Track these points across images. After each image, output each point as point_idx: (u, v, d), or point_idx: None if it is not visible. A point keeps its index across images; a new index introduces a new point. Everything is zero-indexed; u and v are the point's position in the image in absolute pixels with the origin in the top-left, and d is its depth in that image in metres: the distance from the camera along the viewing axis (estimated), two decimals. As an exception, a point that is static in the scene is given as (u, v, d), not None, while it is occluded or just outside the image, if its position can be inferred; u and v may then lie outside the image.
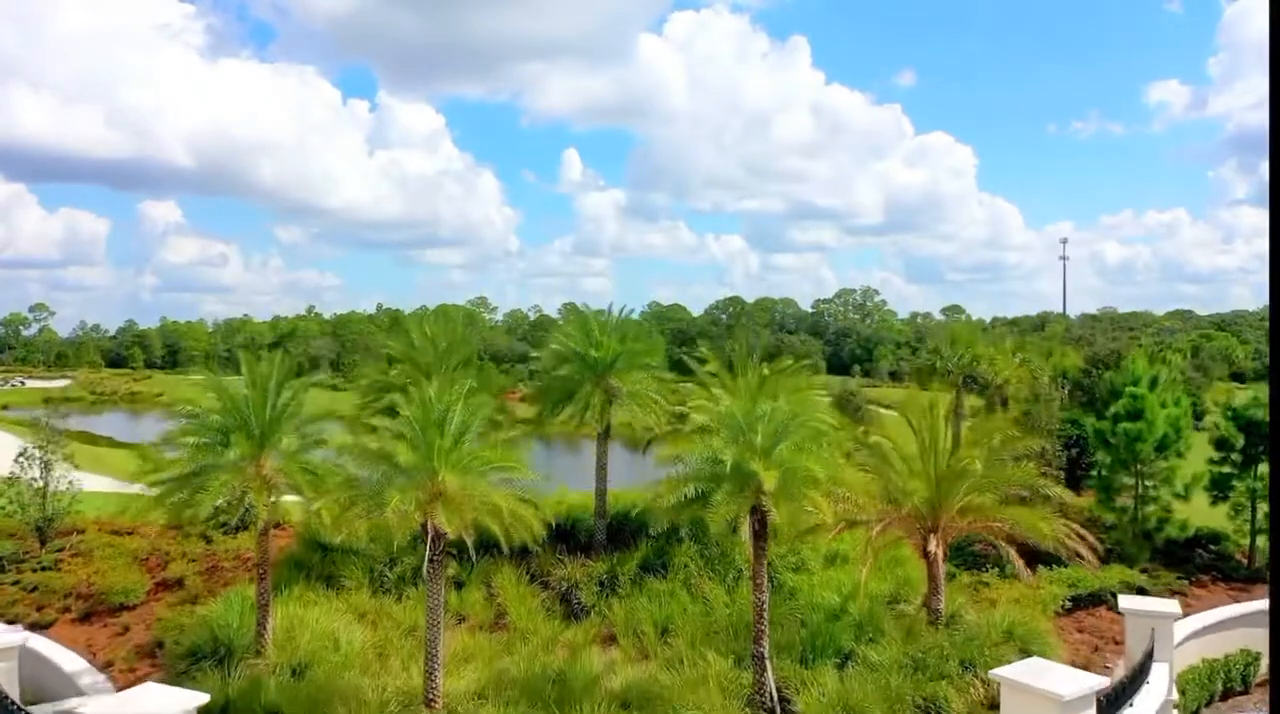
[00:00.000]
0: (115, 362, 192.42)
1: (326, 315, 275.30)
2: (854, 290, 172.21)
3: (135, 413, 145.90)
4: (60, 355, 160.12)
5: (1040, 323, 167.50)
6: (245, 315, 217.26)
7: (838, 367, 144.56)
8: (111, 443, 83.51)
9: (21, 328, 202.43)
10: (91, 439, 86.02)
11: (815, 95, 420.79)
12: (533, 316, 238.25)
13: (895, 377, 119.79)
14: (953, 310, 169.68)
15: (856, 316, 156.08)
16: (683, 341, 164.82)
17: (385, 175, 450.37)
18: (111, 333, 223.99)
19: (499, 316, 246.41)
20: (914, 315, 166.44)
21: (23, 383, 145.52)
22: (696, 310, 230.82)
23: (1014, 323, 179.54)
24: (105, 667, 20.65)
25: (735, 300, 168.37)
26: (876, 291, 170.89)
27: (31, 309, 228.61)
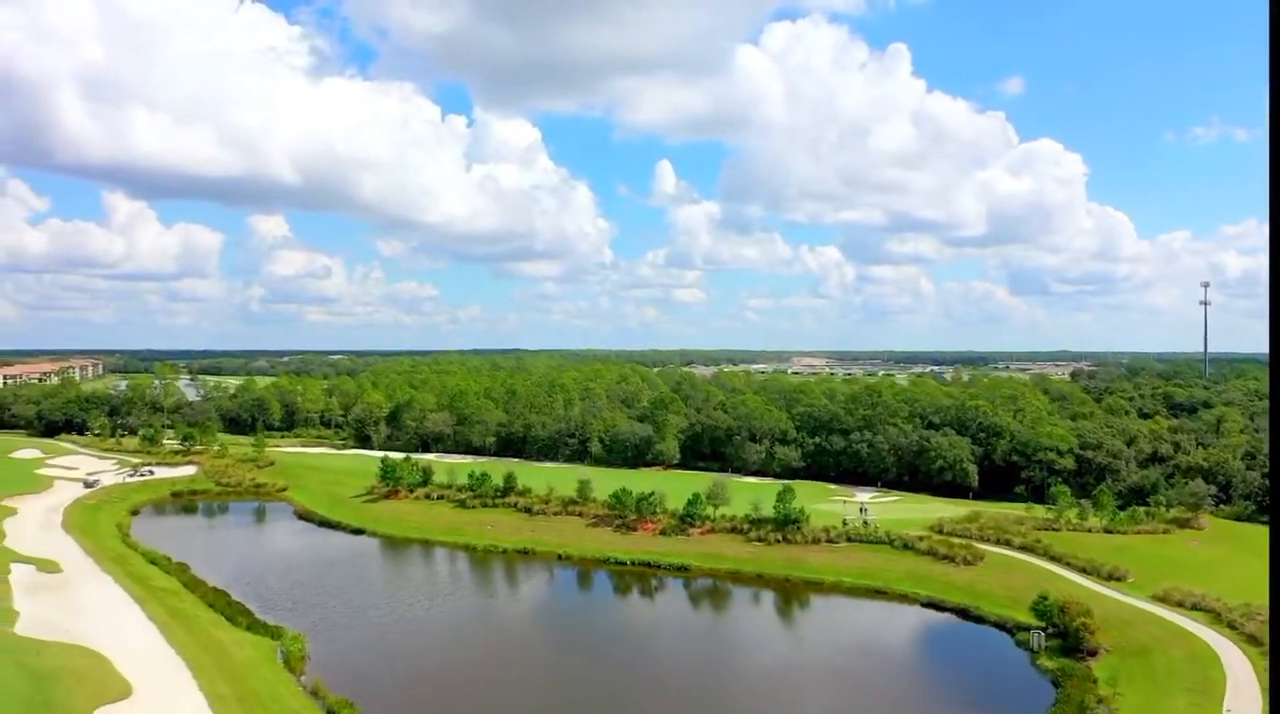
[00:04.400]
0: (234, 422, 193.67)
1: (438, 360, 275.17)
2: (1004, 376, 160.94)
3: (260, 500, 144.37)
4: (187, 436, 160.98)
5: (1211, 419, 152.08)
6: (359, 388, 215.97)
7: (992, 476, 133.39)
8: (249, 621, 77.53)
9: (148, 390, 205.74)
10: (228, 605, 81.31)
11: (915, 104, 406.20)
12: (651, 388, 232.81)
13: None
14: (1111, 408, 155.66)
15: (1008, 413, 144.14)
16: (814, 430, 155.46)
17: (481, 189, 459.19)
18: (231, 392, 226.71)
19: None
20: (1074, 415, 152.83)
21: (151, 472, 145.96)
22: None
23: (1168, 402, 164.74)
24: None
25: (874, 390, 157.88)
26: (1026, 386, 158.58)
27: (153, 370, 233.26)
